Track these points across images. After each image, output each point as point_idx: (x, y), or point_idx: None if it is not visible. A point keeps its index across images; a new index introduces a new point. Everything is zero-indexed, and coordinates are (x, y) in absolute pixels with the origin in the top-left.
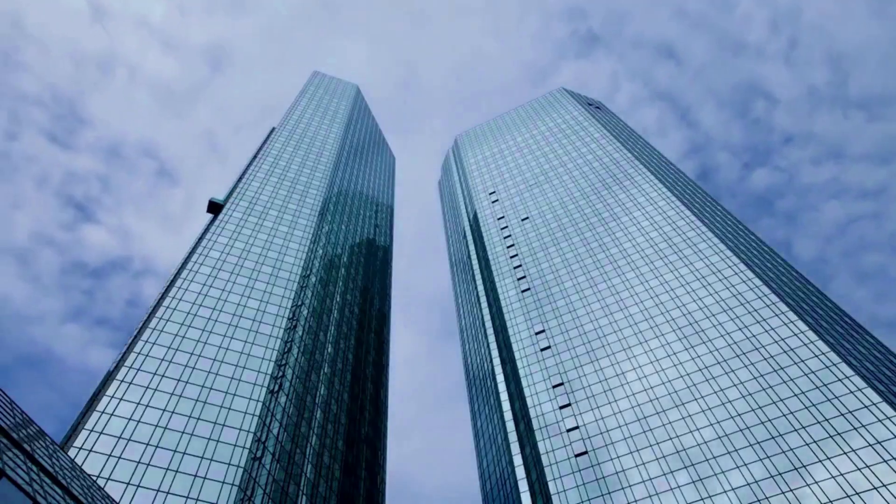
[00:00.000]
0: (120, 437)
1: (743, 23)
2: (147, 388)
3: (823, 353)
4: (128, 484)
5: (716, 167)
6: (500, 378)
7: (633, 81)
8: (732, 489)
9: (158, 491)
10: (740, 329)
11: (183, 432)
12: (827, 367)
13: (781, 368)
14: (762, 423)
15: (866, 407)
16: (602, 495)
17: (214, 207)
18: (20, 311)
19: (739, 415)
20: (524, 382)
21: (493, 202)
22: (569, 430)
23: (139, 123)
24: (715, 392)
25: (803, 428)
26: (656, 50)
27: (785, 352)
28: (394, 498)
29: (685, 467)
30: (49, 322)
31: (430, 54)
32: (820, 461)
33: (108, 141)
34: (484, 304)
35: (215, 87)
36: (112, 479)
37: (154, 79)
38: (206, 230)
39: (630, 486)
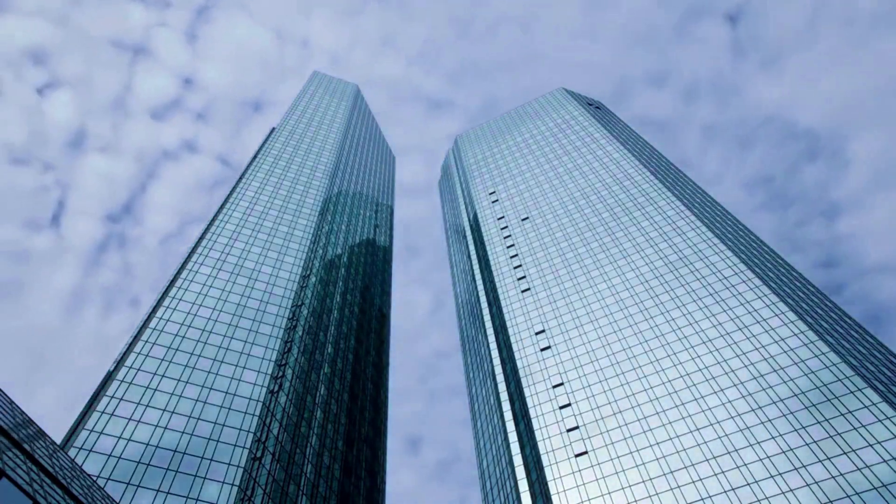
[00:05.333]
0: (120, 437)
1: None
2: (147, 388)
3: (823, 353)
4: (128, 484)
5: None
6: (500, 378)
7: None
8: (732, 489)
9: (158, 491)
10: (740, 329)
11: (183, 432)
12: (827, 367)
13: (781, 368)
14: (762, 423)
15: (866, 407)
16: (602, 495)
17: None
18: None
19: (739, 415)
20: (524, 382)
21: (493, 202)
22: (569, 430)
23: None
24: (715, 392)
25: (803, 428)
26: None
27: (785, 352)
28: (394, 498)
29: (685, 467)
30: None
31: (432, 53)
32: (820, 461)
33: None
34: (484, 304)
35: None
36: (112, 479)
37: None
38: (207, 229)
39: (630, 486)
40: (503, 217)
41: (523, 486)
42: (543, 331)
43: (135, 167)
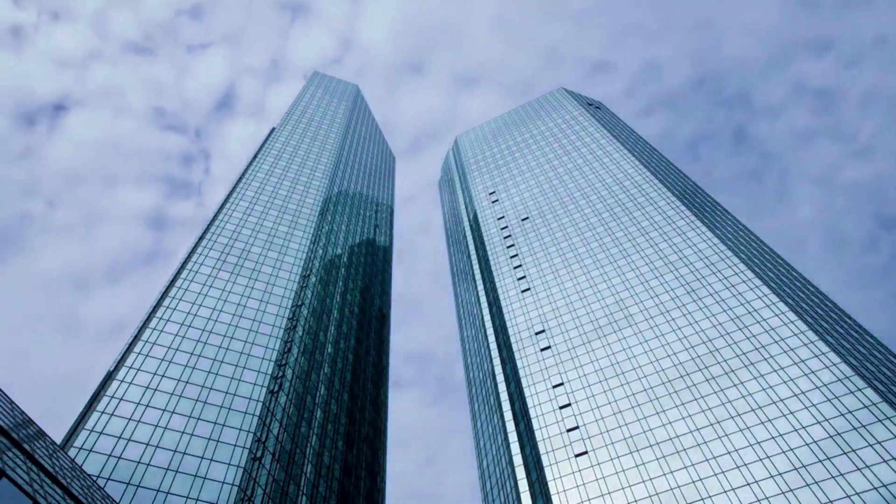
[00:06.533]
0: (120, 437)
1: None
2: (147, 388)
3: (823, 353)
4: (128, 484)
5: None
6: (500, 378)
7: None
8: (733, 489)
9: (158, 491)
10: (740, 329)
11: (183, 432)
12: (827, 367)
13: (781, 368)
14: (762, 423)
15: (866, 407)
16: (602, 495)
17: None
18: None
19: (739, 415)
20: (524, 382)
21: (493, 202)
22: (569, 430)
23: None
24: (714, 392)
25: (803, 428)
26: None
27: (785, 352)
28: (394, 498)
29: (685, 467)
30: None
31: (433, 53)
32: (820, 461)
33: None
34: (484, 304)
35: None
36: (112, 479)
37: None
38: (207, 230)
39: (630, 486)
40: (503, 217)
41: (523, 486)
42: (543, 331)
43: None
